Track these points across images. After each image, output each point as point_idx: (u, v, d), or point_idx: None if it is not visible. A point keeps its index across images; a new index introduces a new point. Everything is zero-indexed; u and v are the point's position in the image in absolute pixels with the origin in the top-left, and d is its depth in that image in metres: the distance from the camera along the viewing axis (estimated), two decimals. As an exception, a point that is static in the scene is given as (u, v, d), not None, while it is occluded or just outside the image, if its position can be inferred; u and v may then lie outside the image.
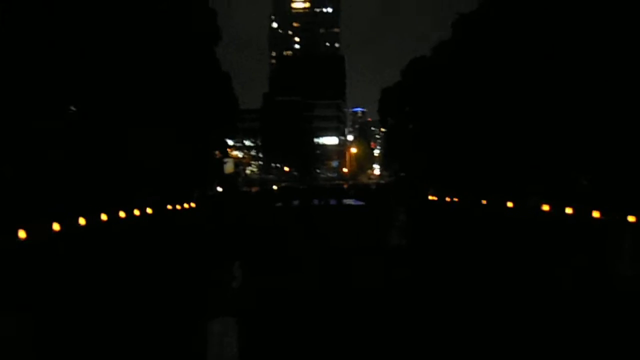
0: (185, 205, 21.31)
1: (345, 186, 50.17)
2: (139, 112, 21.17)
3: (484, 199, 19.37)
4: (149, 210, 19.28)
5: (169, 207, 21.26)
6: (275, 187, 55.96)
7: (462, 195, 23.48)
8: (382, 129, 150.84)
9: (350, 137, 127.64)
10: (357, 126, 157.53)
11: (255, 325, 6.04)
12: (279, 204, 26.16)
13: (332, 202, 25.52)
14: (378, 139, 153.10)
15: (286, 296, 7.73)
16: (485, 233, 14.11)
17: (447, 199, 24.55)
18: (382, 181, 77.39)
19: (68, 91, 18.86)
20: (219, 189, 40.31)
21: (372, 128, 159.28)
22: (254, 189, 53.39)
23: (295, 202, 26.37)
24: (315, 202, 25.28)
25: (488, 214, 17.86)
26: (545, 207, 17.34)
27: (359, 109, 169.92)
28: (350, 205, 26.25)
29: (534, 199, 17.04)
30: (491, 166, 28.56)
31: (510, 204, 19.31)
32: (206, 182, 34.35)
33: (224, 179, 45.49)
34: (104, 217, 15.98)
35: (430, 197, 27.32)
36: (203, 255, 12.08)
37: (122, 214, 17.26)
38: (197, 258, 11.52)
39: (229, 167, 50.29)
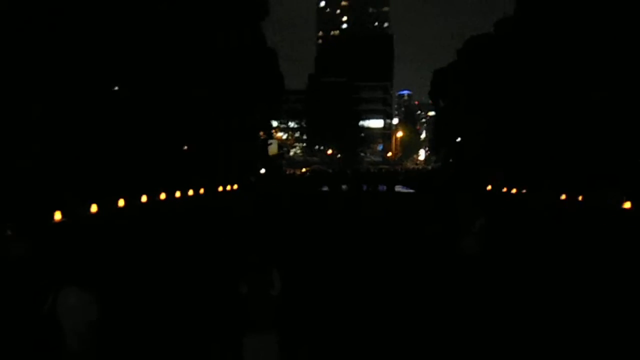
0: (228, 188, 20.57)
1: (392, 171, 48.29)
2: (182, 91, 20.38)
3: (556, 193, 17.17)
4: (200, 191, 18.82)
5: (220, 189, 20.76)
6: (304, 170, 54.66)
7: (525, 187, 21.17)
8: (430, 113, 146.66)
9: (395, 121, 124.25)
10: (402, 109, 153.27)
11: None
12: (325, 189, 24.83)
13: (382, 188, 23.76)
14: (424, 123, 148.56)
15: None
16: (587, 238, 11.28)
17: (514, 191, 21.95)
18: (428, 167, 74.58)
19: (109, 72, 18.28)
20: (262, 170, 39.61)
21: (418, 112, 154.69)
22: (297, 172, 52.47)
23: (344, 187, 24.96)
24: (364, 187, 23.65)
25: (585, 212, 15.28)
26: (627, 205, 15.15)
27: (405, 92, 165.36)
28: (403, 194, 24.09)
29: (613, 194, 14.84)
30: (551, 156, 26.03)
31: (579, 199, 17.11)
32: (251, 164, 33.68)
33: (268, 161, 44.83)
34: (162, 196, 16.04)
35: (488, 188, 25.14)
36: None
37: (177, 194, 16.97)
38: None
39: (273, 149, 49.55)
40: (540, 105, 27.63)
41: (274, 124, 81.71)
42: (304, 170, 54.53)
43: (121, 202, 14.51)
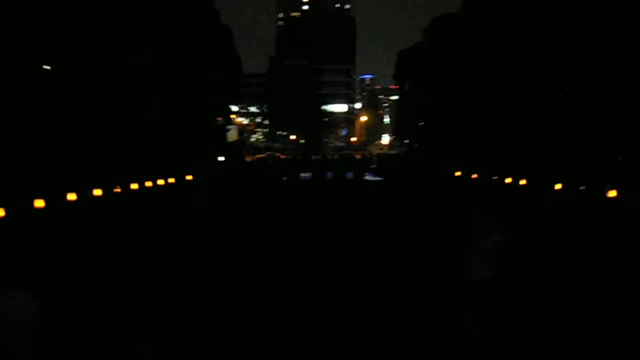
0: (188, 178, 18.28)
1: (358, 156, 46.84)
2: (123, 70, 17.78)
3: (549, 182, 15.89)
4: (134, 186, 16.27)
5: (161, 181, 18.05)
6: (257, 157, 51.80)
7: (506, 175, 19.73)
8: (392, 97, 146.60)
9: (358, 105, 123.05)
10: (365, 94, 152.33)
11: None
12: (284, 179, 22.63)
13: (349, 176, 21.82)
14: (386, 107, 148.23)
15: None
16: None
17: (508, 180, 18.74)
18: (392, 151, 73.87)
19: (41, 49, 15.52)
20: (221, 158, 37.13)
21: (380, 96, 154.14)
22: (252, 158, 49.85)
23: (305, 176, 22.80)
24: (329, 175, 21.57)
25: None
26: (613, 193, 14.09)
27: (367, 76, 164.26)
28: (373, 182, 21.97)
29: (601, 184, 13.74)
30: (527, 142, 25.16)
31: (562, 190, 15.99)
32: (206, 152, 31.15)
33: (227, 148, 42.30)
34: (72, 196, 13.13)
35: (456, 174, 23.92)
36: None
37: (97, 192, 14.33)
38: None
39: (232, 135, 46.97)
40: (509, 87, 26.65)
41: (234, 108, 78.65)
42: (257, 157, 51.88)
43: (40, 203, 12.10)
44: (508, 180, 18.81)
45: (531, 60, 24.34)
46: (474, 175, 21.84)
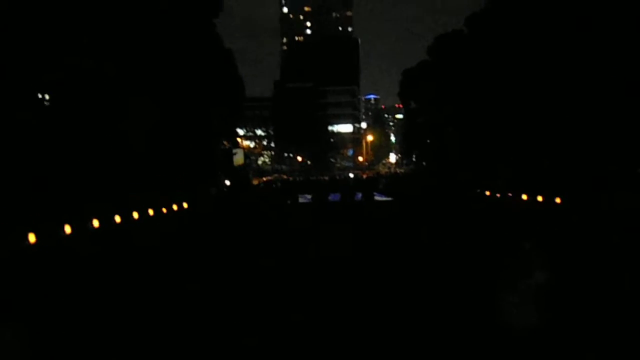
0: (175, 207, 17.48)
1: (365, 176, 46.22)
2: (122, 95, 17.52)
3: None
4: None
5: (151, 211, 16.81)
6: (265, 179, 51.13)
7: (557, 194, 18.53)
8: (397, 116, 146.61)
9: (364, 125, 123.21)
10: (370, 113, 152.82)
11: None
12: (288, 202, 21.94)
13: (358, 197, 21.03)
14: (392, 126, 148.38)
15: None
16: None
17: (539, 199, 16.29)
18: (400, 170, 73.20)
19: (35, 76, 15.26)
20: (227, 182, 36.73)
21: (386, 115, 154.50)
22: (259, 181, 49.41)
23: (306, 199, 22.16)
24: (336, 198, 20.83)
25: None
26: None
27: (372, 96, 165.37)
28: (383, 203, 20.84)
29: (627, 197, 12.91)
30: (531, 157, 24.49)
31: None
32: (211, 176, 30.76)
33: (234, 172, 41.96)
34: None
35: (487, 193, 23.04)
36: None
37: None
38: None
39: (238, 159, 46.64)
40: (517, 103, 26.13)
41: (240, 132, 78.84)
42: (264, 179, 51.45)
43: (32, 238, 11.01)
44: (539, 198, 16.89)
45: (539, 72, 23.88)
46: (488, 192, 21.00)
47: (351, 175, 47.60)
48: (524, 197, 18.53)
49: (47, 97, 16.34)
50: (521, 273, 3.81)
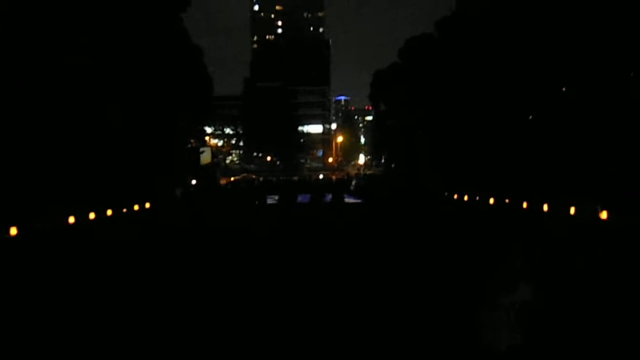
0: (135, 207, 16.66)
1: (334, 177, 45.94)
2: (81, 88, 16.54)
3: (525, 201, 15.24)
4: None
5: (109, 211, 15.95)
6: (232, 179, 50.16)
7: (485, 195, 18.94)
8: (367, 118, 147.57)
9: (334, 126, 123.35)
10: (340, 114, 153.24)
11: None
12: (256, 203, 21.26)
13: (327, 198, 20.60)
14: (362, 128, 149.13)
15: None
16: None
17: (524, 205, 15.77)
18: (368, 171, 73.55)
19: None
20: (194, 181, 35.72)
21: (356, 117, 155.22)
22: (227, 180, 48.42)
23: (275, 200, 21.61)
24: (306, 199, 20.39)
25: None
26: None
27: (342, 97, 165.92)
28: (353, 206, 20.27)
29: (590, 205, 13.06)
30: (497, 161, 24.87)
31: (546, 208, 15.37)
32: (177, 175, 29.76)
33: (200, 171, 40.92)
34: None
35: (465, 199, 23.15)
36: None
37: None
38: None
39: (205, 157, 45.62)
40: (486, 107, 26.48)
41: (208, 130, 77.25)
42: (232, 179, 50.52)
43: None
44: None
45: (507, 75, 24.24)
46: (456, 195, 21.18)
47: (320, 176, 47.20)
48: (491, 200, 18.76)
49: None
50: (486, 273, 3.66)
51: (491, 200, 18.41)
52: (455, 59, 29.20)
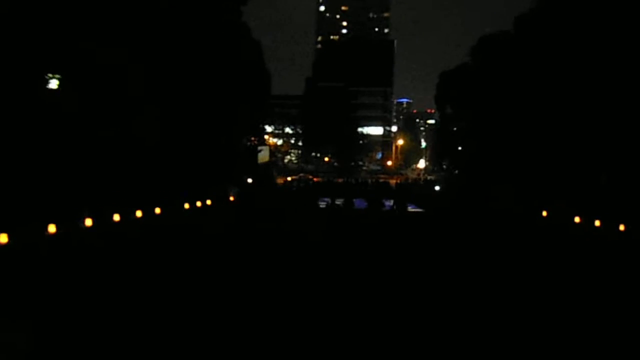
0: (186, 206, 16.05)
1: (394, 182, 43.79)
2: (142, 85, 16.21)
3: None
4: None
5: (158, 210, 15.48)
6: (290, 179, 49.49)
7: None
8: (429, 121, 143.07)
9: (394, 128, 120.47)
10: (401, 117, 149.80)
11: None
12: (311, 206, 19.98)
13: (387, 206, 18.82)
14: (423, 131, 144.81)
15: None
16: None
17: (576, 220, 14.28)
18: (429, 177, 70.52)
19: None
20: (250, 180, 35.34)
21: (417, 120, 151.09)
22: (284, 180, 47.87)
23: (333, 203, 20.20)
24: (363, 205, 18.80)
25: None
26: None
27: (404, 100, 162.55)
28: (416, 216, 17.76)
29: None
30: (581, 173, 21.99)
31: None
32: (233, 174, 29.36)
33: (257, 169, 40.63)
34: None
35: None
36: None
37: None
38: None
39: (263, 156, 45.32)
40: (571, 113, 23.64)
41: (268, 129, 77.76)
42: (289, 179, 49.93)
43: (52, 228, 10.57)
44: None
45: (596, 77, 21.41)
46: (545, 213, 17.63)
47: (387, 182, 45.00)
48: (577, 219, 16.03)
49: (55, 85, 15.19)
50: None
51: (577, 219, 15.82)
52: (535, 59, 26.48)
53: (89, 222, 11.95)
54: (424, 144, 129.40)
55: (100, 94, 15.37)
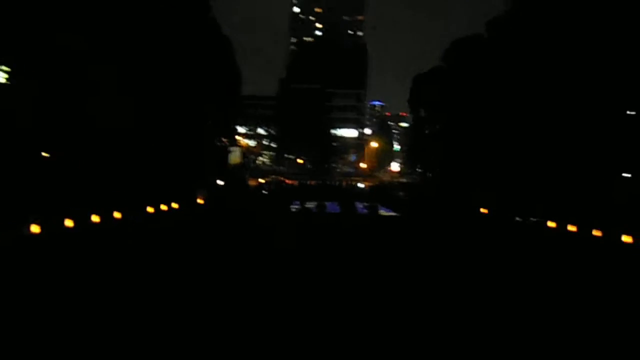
0: (150, 210, 15.01)
1: (367, 185, 43.36)
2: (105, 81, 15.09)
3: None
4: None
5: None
6: (262, 181, 48.52)
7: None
8: (402, 124, 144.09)
9: (368, 131, 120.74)
10: (375, 120, 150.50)
11: None
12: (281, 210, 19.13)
13: (361, 210, 18.15)
14: (396, 134, 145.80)
15: None
16: None
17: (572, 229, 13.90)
18: (401, 180, 70.67)
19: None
20: (220, 182, 34.22)
21: (390, 123, 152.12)
22: (255, 182, 46.80)
23: (303, 206, 19.40)
24: (336, 209, 18.14)
25: None
26: None
27: (377, 103, 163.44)
28: (389, 220, 17.22)
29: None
30: (554, 176, 22.02)
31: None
32: (203, 175, 28.23)
33: (228, 171, 39.49)
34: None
35: (482, 210, 20.65)
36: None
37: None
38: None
39: (234, 157, 44.22)
40: (541, 115, 23.69)
41: (241, 130, 76.38)
42: (261, 180, 48.92)
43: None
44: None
45: (572, 79, 21.47)
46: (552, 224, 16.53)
47: (360, 185, 44.46)
48: (572, 228, 15.09)
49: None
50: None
51: (572, 228, 15.01)
52: (508, 61, 26.52)
53: (35, 229, 10.77)
54: (397, 147, 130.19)
55: (56, 88, 14.21)
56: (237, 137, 57.01)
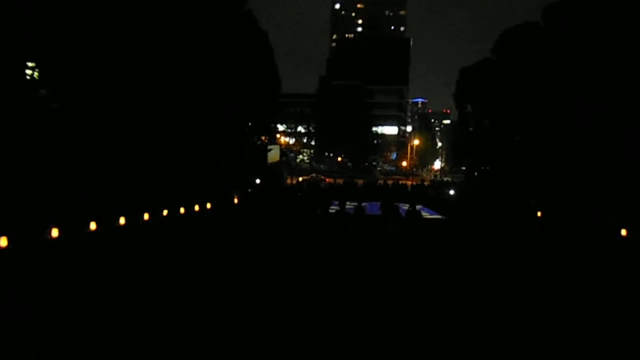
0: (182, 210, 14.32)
1: (410, 183, 41.65)
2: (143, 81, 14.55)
3: None
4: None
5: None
6: (301, 179, 47.52)
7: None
8: (445, 122, 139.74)
9: (409, 128, 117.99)
10: (416, 117, 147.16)
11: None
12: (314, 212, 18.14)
13: (402, 210, 16.97)
14: (438, 132, 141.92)
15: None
16: None
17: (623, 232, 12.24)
18: (445, 178, 68.06)
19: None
20: (258, 181, 33.62)
21: (433, 120, 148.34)
22: (293, 180, 45.97)
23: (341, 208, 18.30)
24: (376, 210, 17.01)
25: None
26: None
27: (419, 99, 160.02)
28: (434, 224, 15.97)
29: None
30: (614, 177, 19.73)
31: None
32: (239, 174, 27.63)
33: (267, 170, 38.92)
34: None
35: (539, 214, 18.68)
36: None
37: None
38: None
39: (273, 155, 43.57)
40: (607, 110, 21.38)
41: (280, 128, 76.18)
42: (300, 179, 48.06)
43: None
44: None
45: (635, 70, 19.16)
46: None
47: (405, 183, 42.48)
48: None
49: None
50: None
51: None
52: (567, 52, 24.24)
53: (55, 232, 10.20)
54: (439, 145, 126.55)
55: (94, 90, 13.81)
56: (276, 135, 56.56)
